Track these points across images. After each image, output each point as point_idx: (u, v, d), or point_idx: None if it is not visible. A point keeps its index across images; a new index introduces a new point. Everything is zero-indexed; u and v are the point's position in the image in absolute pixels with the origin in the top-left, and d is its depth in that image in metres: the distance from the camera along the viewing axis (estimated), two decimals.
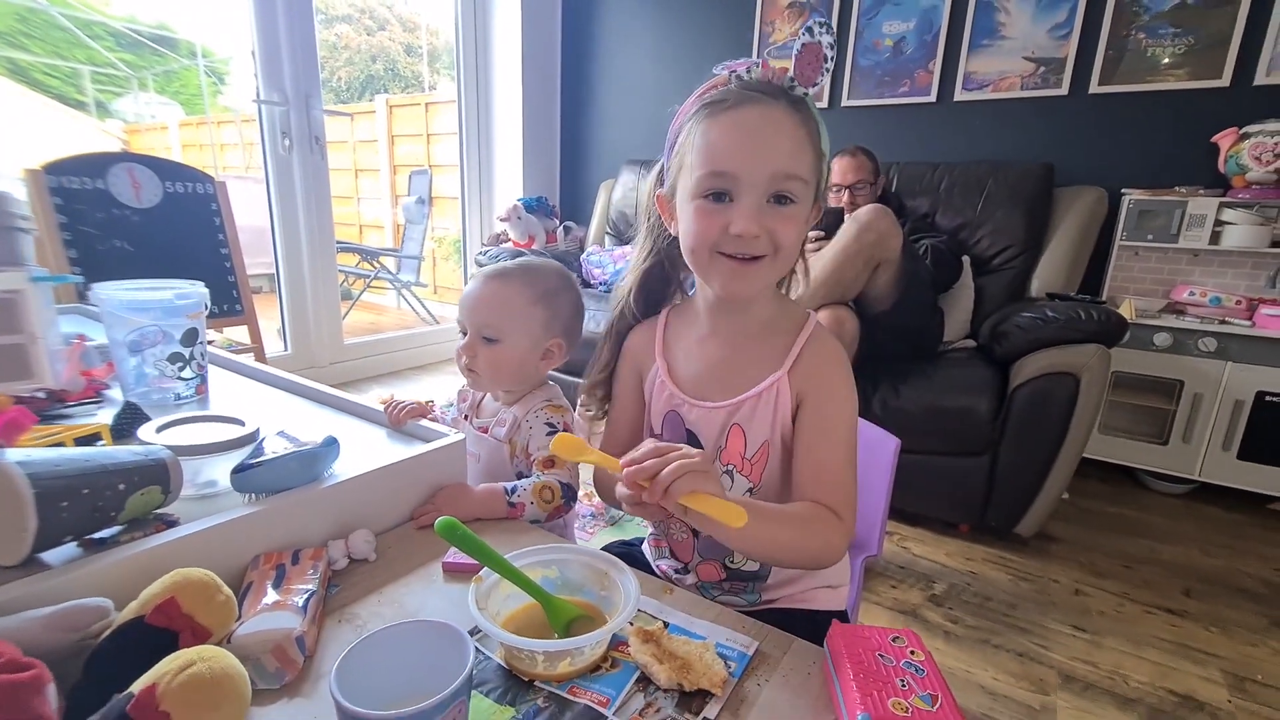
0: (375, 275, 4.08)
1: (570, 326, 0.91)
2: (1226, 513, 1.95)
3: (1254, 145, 1.85)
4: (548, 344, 0.88)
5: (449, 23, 3.05)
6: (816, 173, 0.63)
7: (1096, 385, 1.53)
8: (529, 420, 0.87)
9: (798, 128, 0.61)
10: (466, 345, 0.86)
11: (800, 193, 0.61)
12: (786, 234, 0.62)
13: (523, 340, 0.86)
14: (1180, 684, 1.23)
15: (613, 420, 0.82)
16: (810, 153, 0.62)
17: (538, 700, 0.47)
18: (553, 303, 0.88)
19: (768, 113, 0.60)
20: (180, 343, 0.89)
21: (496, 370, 0.87)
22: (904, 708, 0.42)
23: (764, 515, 0.60)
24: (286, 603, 0.51)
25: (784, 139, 0.60)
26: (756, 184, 0.60)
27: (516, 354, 0.86)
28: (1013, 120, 2.31)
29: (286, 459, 0.61)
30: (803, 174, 0.61)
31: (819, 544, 0.62)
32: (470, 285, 0.88)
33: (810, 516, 0.63)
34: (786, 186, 0.61)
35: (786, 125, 0.60)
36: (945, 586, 1.52)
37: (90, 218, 1.75)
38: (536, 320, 0.86)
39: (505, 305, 0.85)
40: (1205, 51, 2.01)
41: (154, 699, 0.37)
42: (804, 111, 0.62)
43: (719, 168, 0.61)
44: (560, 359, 0.91)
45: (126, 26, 5.40)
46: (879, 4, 2.46)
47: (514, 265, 0.89)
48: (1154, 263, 2.13)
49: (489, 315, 0.85)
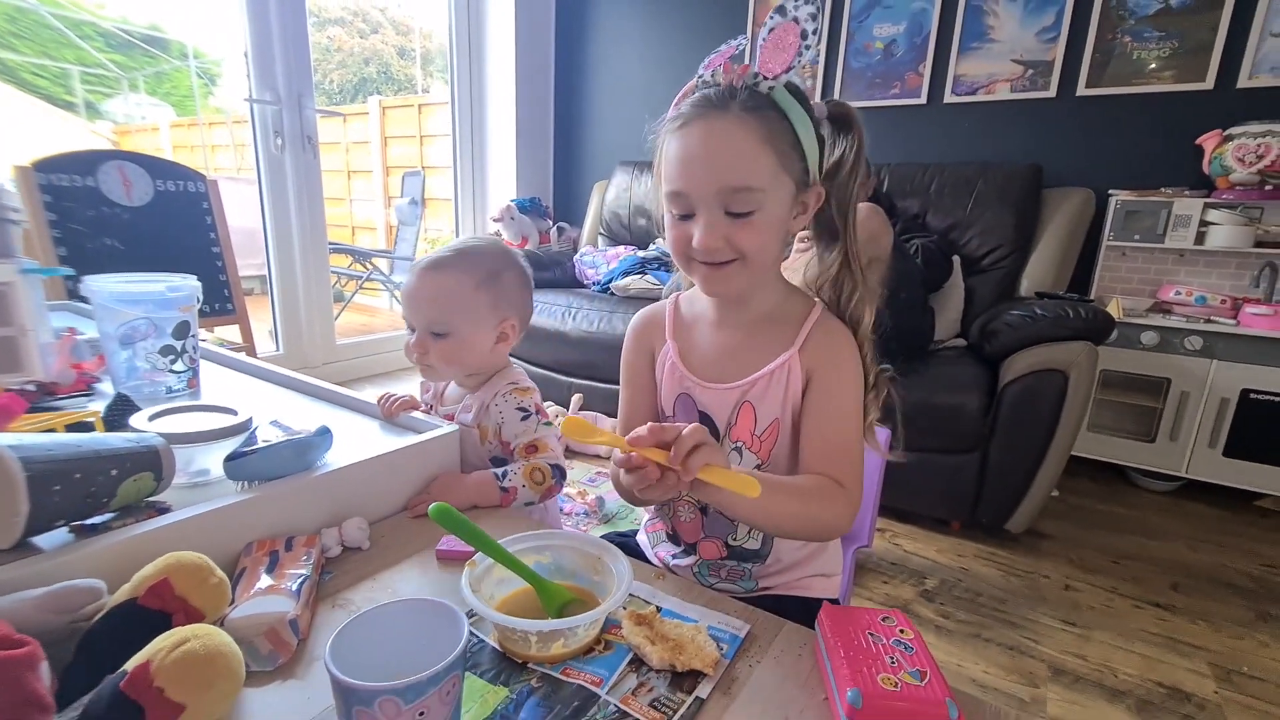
0: (368, 276, 4.07)
1: (520, 303, 0.89)
2: (1213, 509, 1.97)
3: (1237, 147, 1.88)
4: (500, 326, 0.86)
5: (442, 26, 3.06)
6: (788, 171, 0.62)
7: (1085, 382, 1.54)
8: (497, 404, 0.85)
9: (748, 135, 0.60)
10: (417, 342, 0.84)
11: (758, 201, 0.61)
12: (748, 242, 0.62)
13: (473, 328, 0.84)
14: (1168, 676, 1.25)
15: (626, 402, 0.81)
16: (767, 156, 0.61)
17: (531, 681, 0.47)
18: (496, 284, 0.85)
19: (712, 127, 0.60)
20: (172, 336, 0.89)
21: (451, 362, 0.85)
22: (893, 683, 0.42)
23: (774, 487, 0.61)
24: (280, 587, 0.51)
25: (727, 152, 0.60)
26: (708, 200, 0.61)
27: (468, 343, 0.84)
28: (1001, 122, 2.34)
29: (280, 447, 0.62)
30: (755, 183, 0.60)
31: (828, 515, 0.64)
32: (408, 280, 0.85)
33: (818, 488, 0.64)
34: (735, 200, 0.61)
35: (733, 137, 0.60)
36: (937, 582, 1.53)
37: (80, 215, 1.74)
38: (483, 305, 0.84)
39: (448, 297, 0.83)
40: (1189, 55, 2.04)
41: (148, 675, 0.37)
42: (762, 113, 0.60)
43: (674, 187, 0.63)
44: (516, 337, 0.89)
45: (117, 27, 5.38)
46: (870, 7, 2.48)
47: (449, 252, 0.86)
48: (1141, 263, 2.15)
49: (433, 310, 0.83)
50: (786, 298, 0.72)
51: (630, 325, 0.81)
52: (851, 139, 0.67)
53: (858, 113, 0.68)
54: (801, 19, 0.60)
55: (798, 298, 0.73)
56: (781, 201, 0.63)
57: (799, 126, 0.62)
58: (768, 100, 0.61)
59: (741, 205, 0.61)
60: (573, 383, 2.31)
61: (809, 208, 0.67)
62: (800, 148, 0.63)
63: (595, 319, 2.21)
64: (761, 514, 0.61)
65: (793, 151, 0.62)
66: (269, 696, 0.44)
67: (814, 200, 0.67)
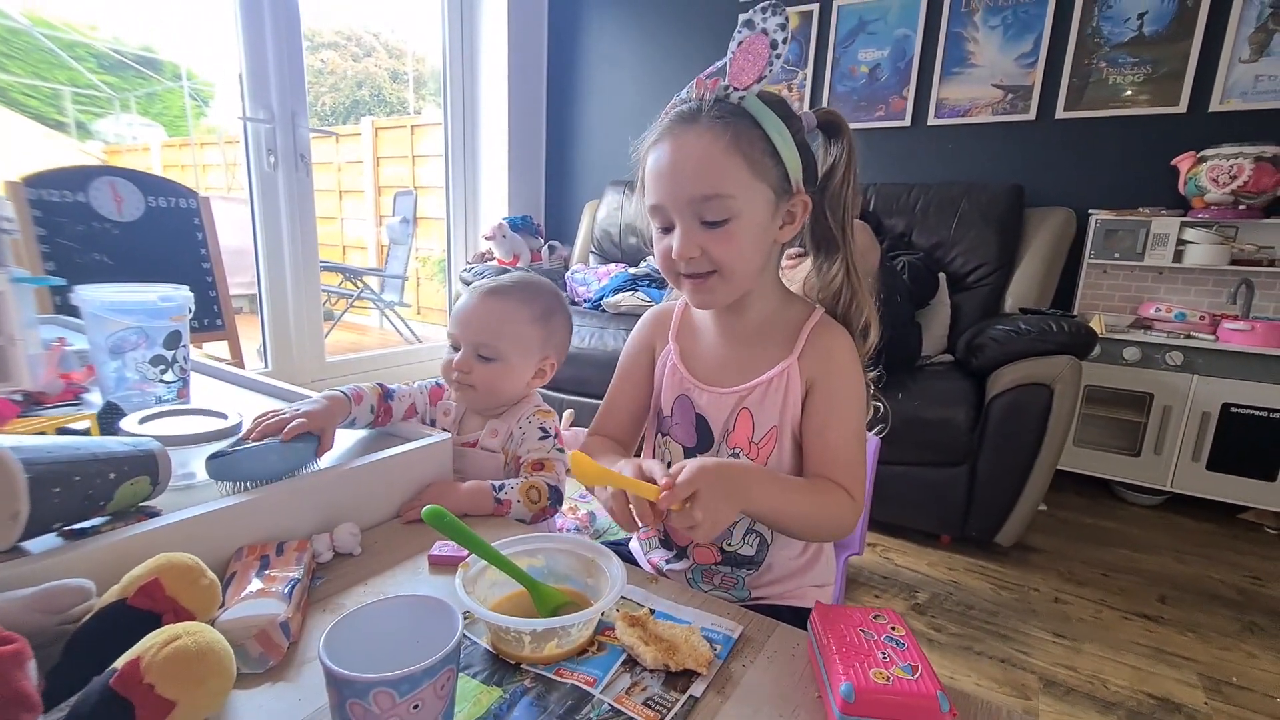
0: (359, 295, 4.06)
1: (563, 345, 0.91)
2: (1198, 523, 1.99)
3: (1211, 168, 1.94)
4: (541, 363, 0.87)
5: (436, 49, 3.10)
6: (762, 178, 0.62)
7: (1069, 395, 1.57)
8: (522, 426, 0.86)
9: (715, 143, 0.61)
10: (461, 360, 0.83)
11: (730, 208, 0.62)
12: (723, 252, 0.63)
13: (520, 359, 0.84)
14: (1158, 687, 1.25)
15: (613, 389, 0.82)
16: (736, 163, 0.61)
17: (524, 681, 0.47)
18: (549, 322, 0.87)
19: (680, 141, 0.62)
20: (163, 346, 0.89)
21: (491, 388, 0.84)
22: (885, 677, 0.43)
23: (781, 483, 0.63)
24: (271, 590, 0.51)
25: (694, 163, 0.61)
26: (682, 210, 0.63)
27: (512, 372, 0.84)
28: (984, 144, 2.40)
29: (264, 449, 0.61)
30: (724, 190, 0.61)
31: (832, 515, 0.64)
32: (465, 299, 0.86)
33: (823, 490, 0.65)
34: (706, 209, 0.62)
35: (700, 146, 0.61)
36: (928, 596, 1.53)
37: (69, 231, 1.73)
38: (534, 340, 0.85)
39: (503, 324, 0.83)
40: (1163, 80, 2.11)
41: (138, 672, 0.37)
42: (730, 121, 0.61)
43: (652, 201, 0.65)
44: (549, 377, 0.90)
45: (110, 48, 5.40)
46: (855, 33, 2.55)
47: (510, 282, 0.87)
48: (1121, 280, 2.20)
49: (486, 334, 0.83)
50: (785, 305, 0.73)
51: (641, 318, 0.83)
52: (842, 145, 0.68)
53: (845, 120, 0.68)
54: (770, 30, 0.60)
55: (797, 304, 0.73)
56: (758, 208, 0.63)
57: (773, 133, 0.62)
58: (738, 110, 0.62)
59: (715, 213, 0.62)
60: (563, 398, 2.31)
61: (797, 217, 0.67)
62: (777, 154, 0.63)
63: (586, 335, 2.22)
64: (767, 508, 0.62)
65: (767, 159, 0.62)
66: (260, 698, 0.44)
67: (801, 210, 0.66)
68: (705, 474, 0.55)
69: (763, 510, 0.62)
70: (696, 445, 0.75)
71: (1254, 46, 1.99)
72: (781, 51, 0.60)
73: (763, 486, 0.61)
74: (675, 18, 2.93)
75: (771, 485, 0.63)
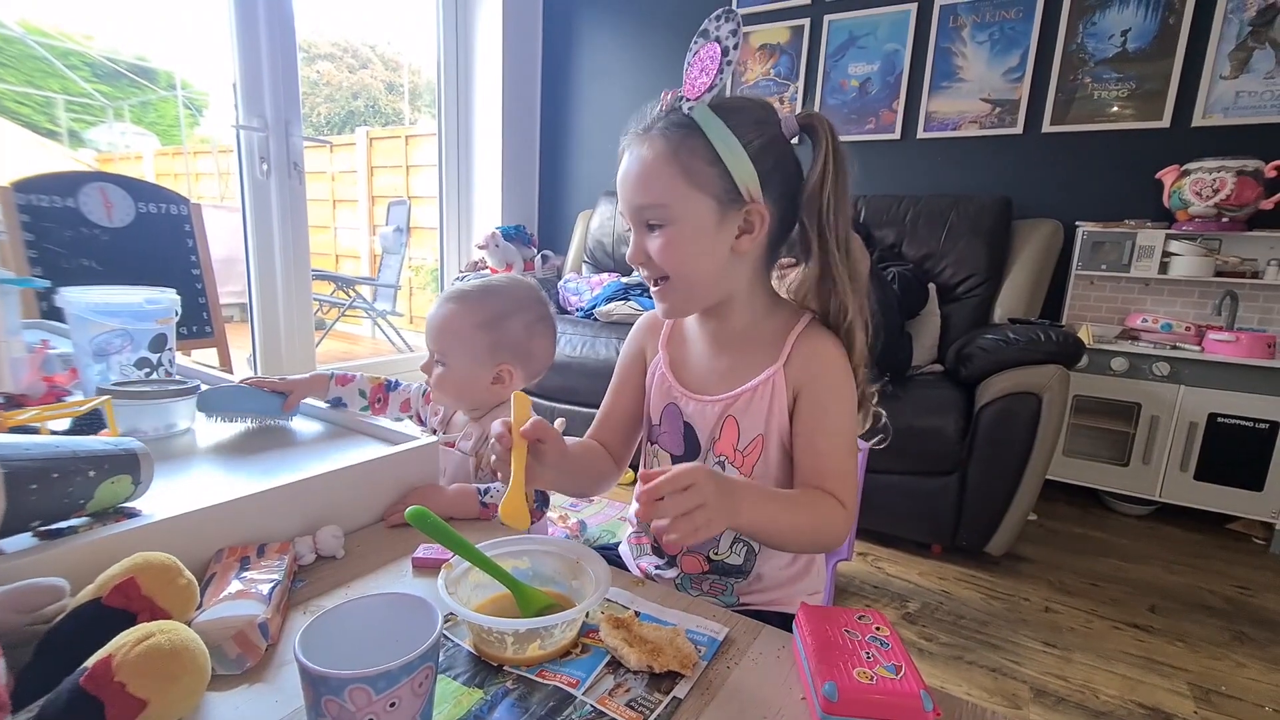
0: (351, 304, 4.05)
1: (523, 350, 0.89)
2: (1187, 533, 2.00)
3: (1194, 181, 1.97)
4: (496, 369, 0.87)
5: (431, 62, 3.12)
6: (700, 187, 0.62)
7: (1058, 404, 1.57)
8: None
9: (655, 155, 0.63)
10: (424, 363, 0.90)
11: (663, 215, 0.64)
12: (663, 258, 0.65)
13: (467, 364, 0.86)
14: (1148, 697, 1.25)
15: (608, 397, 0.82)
16: (671, 172, 0.62)
17: (506, 683, 0.46)
18: (498, 328, 0.87)
19: (633, 154, 0.66)
20: (148, 349, 0.88)
21: (445, 391, 0.89)
22: (869, 676, 0.42)
23: (771, 499, 0.62)
24: (250, 591, 0.50)
25: (641, 174, 0.64)
26: (632, 219, 0.67)
27: (462, 377, 0.87)
28: (972, 156, 2.43)
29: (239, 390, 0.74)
30: (657, 199, 0.63)
31: (823, 528, 0.63)
32: (433, 304, 0.90)
33: (813, 501, 0.64)
34: (646, 216, 0.65)
35: (647, 159, 0.64)
36: (919, 605, 1.53)
37: (58, 236, 1.72)
38: (480, 345, 0.86)
39: (448, 330, 0.87)
40: (1147, 96, 2.14)
41: (109, 670, 0.36)
42: (674, 132, 0.63)
43: (619, 210, 0.69)
44: (516, 383, 0.89)
45: (105, 57, 5.41)
46: (845, 47, 2.59)
47: (471, 287, 0.89)
48: (1108, 291, 2.22)
49: (436, 338, 0.87)
50: (772, 312, 0.72)
51: (634, 325, 0.83)
52: (821, 149, 0.66)
53: (827, 121, 0.66)
54: (723, 38, 0.62)
55: (785, 311, 0.72)
56: (696, 216, 0.63)
57: (717, 143, 0.62)
58: (686, 120, 0.63)
59: (653, 219, 0.65)
60: (555, 407, 2.30)
61: (755, 227, 0.65)
62: (721, 164, 0.62)
63: (578, 344, 2.22)
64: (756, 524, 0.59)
65: (709, 168, 0.62)
66: (235, 700, 0.43)
67: (759, 220, 0.65)
68: (699, 472, 0.52)
69: (752, 527, 0.60)
70: (684, 453, 0.75)
71: (1234, 63, 2.03)
72: (732, 58, 0.61)
73: (755, 500, 0.59)
74: (668, 30, 2.96)
75: (763, 499, 0.61)
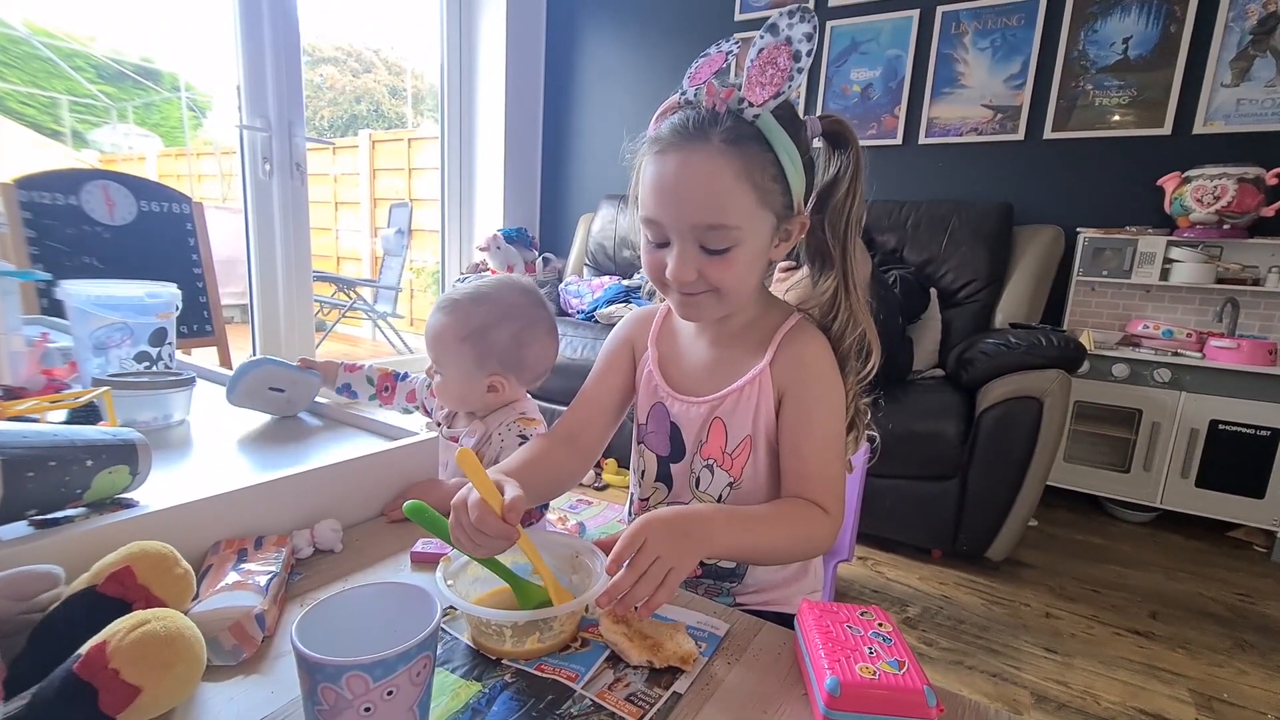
0: (351, 305, 4.05)
1: (512, 360, 0.87)
2: (1188, 540, 1.99)
3: (1195, 188, 1.97)
4: (488, 379, 0.86)
5: (434, 66, 3.13)
6: (768, 205, 0.59)
7: (1059, 409, 1.57)
8: (500, 433, 0.86)
9: (725, 169, 0.56)
10: (428, 367, 0.90)
11: (734, 238, 0.59)
12: (721, 278, 0.60)
13: (457, 375, 0.86)
14: (1149, 703, 1.24)
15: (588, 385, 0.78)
16: (745, 193, 0.57)
17: (505, 676, 0.46)
18: (483, 339, 0.85)
19: (690, 159, 0.57)
20: (148, 342, 0.88)
21: (444, 398, 0.90)
22: (871, 671, 0.42)
23: (746, 520, 0.59)
24: (247, 583, 0.50)
25: (702, 189, 0.57)
26: (683, 233, 0.59)
27: (454, 387, 0.87)
28: (974, 162, 2.43)
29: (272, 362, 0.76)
30: (730, 221, 0.58)
31: (803, 538, 0.62)
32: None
33: (792, 513, 0.62)
34: (710, 238, 0.59)
35: (710, 172, 0.56)
36: (919, 610, 1.52)
37: (59, 233, 1.72)
38: (467, 358, 0.85)
39: (438, 343, 0.86)
40: (1148, 103, 2.15)
41: (104, 656, 0.36)
42: (743, 145, 0.57)
43: (649, 214, 0.61)
44: (512, 390, 0.88)
45: (110, 58, 5.43)
46: (847, 53, 2.60)
47: (462, 295, 0.87)
48: (1110, 297, 2.22)
49: (429, 350, 0.88)
50: (764, 311, 0.70)
51: (624, 317, 0.81)
52: (848, 157, 0.64)
53: (852, 129, 0.64)
54: (795, 39, 0.55)
55: (775, 310, 0.71)
56: (761, 235, 0.61)
57: (784, 157, 0.58)
58: (752, 130, 0.57)
59: (717, 242, 0.59)
60: (555, 409, 2.30)
61: (793, 235, 0.64)
62: (784, 179, 0.59)
63: (579, 346, 2.22)
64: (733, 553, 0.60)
65: (775, 185, 0.59)
66: (230, 690, 0.43)
67: (798, 229, 0.64)
68: (650, 526, 0.51)
69: (729, 552, 0.59)
70: (670, 455, 0.73)
71: (1235, 72, 2.03)
72: (804, 65, 0.55)
73: (726, 529, 0.57)
74: (671, 34, 2.97)
75: (734, 525, 0.58)
